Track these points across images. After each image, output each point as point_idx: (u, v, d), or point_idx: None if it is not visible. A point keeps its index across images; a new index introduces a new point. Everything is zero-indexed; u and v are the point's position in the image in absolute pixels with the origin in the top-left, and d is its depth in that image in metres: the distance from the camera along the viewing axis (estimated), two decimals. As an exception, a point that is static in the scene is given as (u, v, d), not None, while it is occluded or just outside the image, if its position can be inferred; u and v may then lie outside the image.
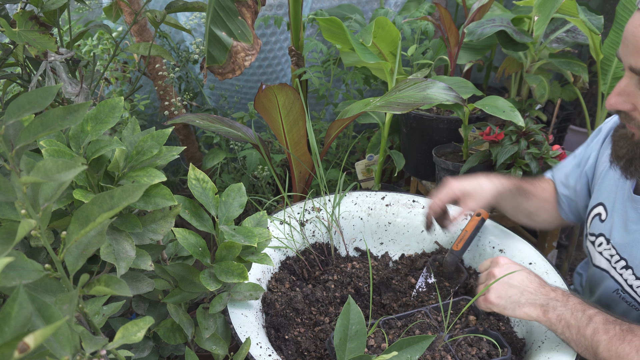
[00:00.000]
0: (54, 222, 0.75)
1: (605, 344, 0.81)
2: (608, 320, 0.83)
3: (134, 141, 0.81)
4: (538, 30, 1.55)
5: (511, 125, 1.49)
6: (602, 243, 1.02)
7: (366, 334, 0.71)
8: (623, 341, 0.80)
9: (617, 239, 0.98)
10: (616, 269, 0.99)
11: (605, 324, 0.83)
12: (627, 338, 0.80)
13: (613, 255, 0.99)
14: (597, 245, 1.03)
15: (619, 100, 0.84)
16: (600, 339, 0.81)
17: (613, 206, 1.00)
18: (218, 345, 0.87)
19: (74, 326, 0.57)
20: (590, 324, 0.83)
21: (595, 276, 1.05)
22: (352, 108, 1.32)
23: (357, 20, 1.79)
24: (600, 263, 1.02)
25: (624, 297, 0.99)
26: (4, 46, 1.07)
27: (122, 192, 0.55)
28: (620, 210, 0.98)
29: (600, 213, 1.03)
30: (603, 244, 1.01)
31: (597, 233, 1.03)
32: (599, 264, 1.03)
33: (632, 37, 0.79)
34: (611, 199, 1.01)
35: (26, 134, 0.53)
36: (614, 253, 0.99)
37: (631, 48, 0.79)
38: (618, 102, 0.84)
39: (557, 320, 0.86)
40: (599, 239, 1.02)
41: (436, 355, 0.92)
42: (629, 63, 0.80)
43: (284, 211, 1.20)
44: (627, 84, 0.83)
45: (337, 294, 1.08)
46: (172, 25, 1.31)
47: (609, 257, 1.00)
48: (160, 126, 1.94)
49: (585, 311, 0.85)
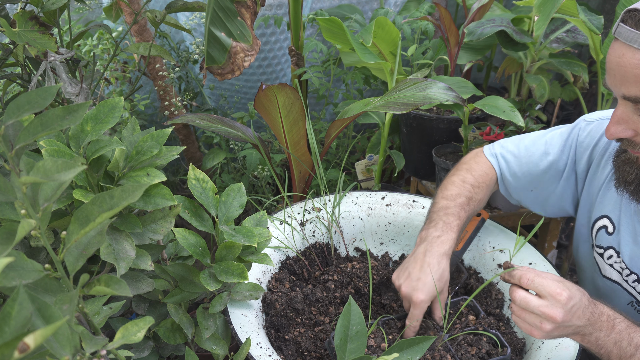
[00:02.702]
0: (54, 222, 0.75)
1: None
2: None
3: (134, 141, 0.80)
4: (538, 30, 1.55)
5: (511, 125, 1.49)
6: (613, 256, 1.00)
7: (367, 334, 0.71)
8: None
9: (626, 253, 0.97)
10: (628, 282, 0.98)
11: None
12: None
13: (624, 269, 0.98)
14: (606, 257, 1.01)
15: (618, 129, 0.84)
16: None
17: (619, 220, 0.98)
18: (218, 345, 0.87)
19: (74, 326, 0.57)
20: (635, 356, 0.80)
21: (606, 288, 1.03)
22: (352, 108, 1.32)
23: (357, 20, 1.79)
24: (612, 275, 1.01)
25: (638, 309, 0.98)
26: (4, 46, 1.07)
27: (122, 192, 0.55)
28: (628, 224, 0.97)
29: (607, 226, 1.01)
30: (614, 257, 1.00)
31: (606, 246, 1.01)
32: (610, 276, 1.01)
33: (618, 67, 0.79)
34: (616, 212, 0.99)
35: (26, 134, 0.53)
36: (625, 267, 0.98)
37: (619, 78, 0.79)
38: (618, 131, 0.84)
39: (597, 348, 0.82)
40: (608, 251, 1.01)
41: (436, 354, 0.92)
42: (621, 92, 0.80)
43: (284, 211, 1.20)
44: (622, 111, 0.83)
45: (337, 294, 1.08)
46: (172, 25, 1.31)
47: (620, 270, 0.99)
48: (160, 126, 1.94)
49: (632, 341, 0.81)
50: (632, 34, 0.76)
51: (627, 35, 0.77)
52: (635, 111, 0.81)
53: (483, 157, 1.16)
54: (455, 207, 1.06)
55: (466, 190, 1.09)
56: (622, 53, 0.78)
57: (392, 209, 1.26)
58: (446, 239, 1.00)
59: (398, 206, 1.26)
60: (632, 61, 0.77)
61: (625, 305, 1.00)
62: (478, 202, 1.11)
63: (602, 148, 1.03)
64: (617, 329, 0.82)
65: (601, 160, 1.03)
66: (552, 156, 1.08)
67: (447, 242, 1.00)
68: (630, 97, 0.79)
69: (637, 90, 0.78)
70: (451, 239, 1.01)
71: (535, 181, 1.11)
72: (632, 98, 0.79)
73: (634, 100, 0.79)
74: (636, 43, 0.76)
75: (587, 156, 1.05)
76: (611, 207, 1.00)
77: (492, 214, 1.52)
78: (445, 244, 0.99)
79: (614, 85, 0.82)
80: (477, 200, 1.11)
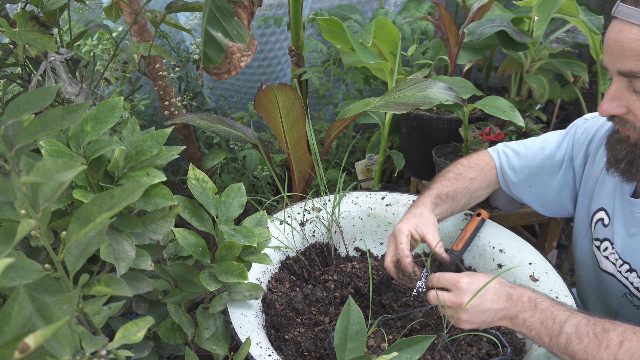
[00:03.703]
0: (54, 222, 0.75)
1: (582, 354, 0.78)
2: (580, 324, 0.80)
3: (134, 141, 0.80)
4: (538, 30, 1.55)
5: (511, 125, 1.49)
6: (608, 247, 1.01)
7: (366, 334, 0.71)
8: (600, 347, 0.77)
9: (619, 243, 0.98)
10: (621, 272, 0.99)
11: (578, 330, 0.79)
12: (603, 343, 0.77)
13: (617, 259, 0.99)
14: (602, 249, 1.03)
15: (611, 105, 0.86)
16: (575, 348, 0.78)
17: (613, 210, 1.00)
18: (218, 345, 0.87)
19: (74, 326, 0.57)
20: (562, 334, 0.80)
21: (604, 281, 1.04)
22: (352, 108, 1.32)
23: (357, 20, 1.79)
24: (607, 267, 1.02)
25: (632, 301, 0.99)
26: (4, 46, 1.07)
27: (121, 192, 0.55)
28: (620, 215, 0.99)
29: (603, 218, 1.03)
30: (609, 249, 1.01)
31: (602, 238, 1.03)
32: (606, 268, 1.02)
33: (615, 43, 0.82)
34: (611, 203, 1.01)
35: (26, 134, 0.53)
36: (618, 257, 0.99)
37: (616, 53, 0.82)
38: (611, 107, 0.86)
39: (527, 330, 0.83)
40: (604, 243, 1.02)
41: (436, 354, 0.92)
42: (617, 68, 0.83)
43: (284, 211, 1.20)
44: (617, 88, 0.85)
45: (337, 294, 1.08)
46: (172, 25, 1.31)
47: (614, 261, 1.00)
48: (160, 126, 1.94)
49: (556, 318, 0.81)
50: (630, 10, 0.80)
51: (626, 12, 0.80)
52: (629, 87, 0.83)
53: (484, 151, 1.22)
54: (439, 178, 1.15)
55: (456, 168, 1.17)
56: (620, 29, 0.81)
57: (392, 209, 1.26)
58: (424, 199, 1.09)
59: (398, 206, 1.26)
60: (629, 36, 0.80)
61: (621, 297, 1.01)
62: (470, 180, 1.15)
63: (597, 143, 1.06)
64: (539, 307, 0.83)
65: (596, 154, 1.06)
66: (549, 150, 1.12)
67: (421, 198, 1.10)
68: (625, 71, 0.82)
69: (632, 64, 0.80)
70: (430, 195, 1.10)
71: (532, 176, 1.13)
72: (627, 73, 0.82)
73: (628, 75, 0.82)
74: (634, 19, 0.79)
75: (584, 152, 1.08)
76: (607, 199, 1.02)
77: (492, 214, 1.52)
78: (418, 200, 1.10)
79: (610, 62, 0.84)
80: (469, 177, 1.15)
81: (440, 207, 1.10)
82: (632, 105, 0.84)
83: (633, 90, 0.83)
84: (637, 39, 0.79)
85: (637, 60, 0.80)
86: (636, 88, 0.82)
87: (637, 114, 0.85)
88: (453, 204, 1.13)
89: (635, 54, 0.79)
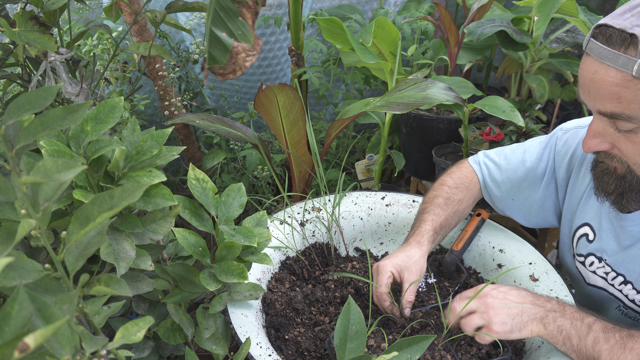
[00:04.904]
0: (54, 222, 0.75)
1: (607, 353, 0.80)
2: (607, 327, 0.82)
3: (134, 141, 0.80)
4: (538, 30, 1.55)
5: (511, 125, 1.48)
6: (594, 262, 1.01)
7: (366, 334, 0.71)
8: (624, 349, 0.79)
9: (611, 257, 0.97)
10: (614, 285, 0.98)
11: (605, 331, 0.82)
12: (627, 345, 0.79)
13: (609, 273, 0.99)
14: (588, 265, 1.02)
15: (595, 142, 0.84)
16: (602, 348, 0.80)
17: (600, 225, 0.99)
18: (218, 345, 0.87)
19: (74, 326, 0.57)
20: (591, 333, 0.82)
21: (593, 295, 1.04)
22: (352, 108, 1.32)
23: (357, 20, 1.79)
24: (596, 282, 1.02)
25: (626, 313, 0.99)
26: (4, 46, 1.07)
27: (122, 192, 0.55)
28: (609, 229, 0.97)
29: (587, 233, 1.02)
30: (595, 263, 1.01)
31: (586, 254, 1.02)
32: (595, 283, 1.02)
33: (592, 84, 0.78)
34: (597, 219, 1.00)
35: (26, 134, 0.53)
36: (609, 270, 0.98)
37: (593, 94, 0.79)
38: (595, 144, 0.84)
39: (558, 332, 0.85)
40: (589, 258, 1.02)
41: (436, 354, 0.92)
42: (596, 108, 0.80)
43: (284, 211, 1.20)
44: (598, 125, 0.83)
45: (337, 294, 1.08)
46: (172, 25, 1.31)
47: (605, 275, 1.00)
48: (160, 126, 1.94)
49: (584, 319, 0.84)
50: (603, 50, 0.75)
51: (599, 52, 0.76)
52: (611, 125, 0.81)
53: (466, 163, 1.20)
54: (429, 205, 1.13)
55: (443, 192, 1.14)
56: (594, 69, 0.77)
57: (392, 209, 1.26)
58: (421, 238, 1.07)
59: (398, 206, 1.26)
60: (605, 78, 0.76)
61: (614, 309, 1.01)
62: (458, 202, 1.14)
63: (579, 157, 1.04)
64: (568, 310, 0.86)
65: (580, 169, 1.03)
66: (530, 163, 1.10)
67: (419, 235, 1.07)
68: (606, 112, 0.79)
69: (612, 106, 0.77)
70: (427, 231, 1.08)
71: (514, 189, 1.12)
72: (608, 114, 0.79)
73: (609, 116, 0.79)
74: (608, 60, 0.75)
75: (566, 164, 1.06)
76: (592, 214, 1.01)
77: (492, 214, 1.52)
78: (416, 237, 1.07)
79: (588, 100, 0.81)
80: (457, 200, 1.14)
81: (436, 240, 1.10)
82: (617, 141, 0.82)
83: (616, 128, 0.80)
84: (615, 82, 0.75)
85: (618, 103, 0.76)
86: (620, 127, 0.80)
87: (623, 150, 0.83)
88: (446, 230, 1.13)
89: (615, 97, 0.76)
